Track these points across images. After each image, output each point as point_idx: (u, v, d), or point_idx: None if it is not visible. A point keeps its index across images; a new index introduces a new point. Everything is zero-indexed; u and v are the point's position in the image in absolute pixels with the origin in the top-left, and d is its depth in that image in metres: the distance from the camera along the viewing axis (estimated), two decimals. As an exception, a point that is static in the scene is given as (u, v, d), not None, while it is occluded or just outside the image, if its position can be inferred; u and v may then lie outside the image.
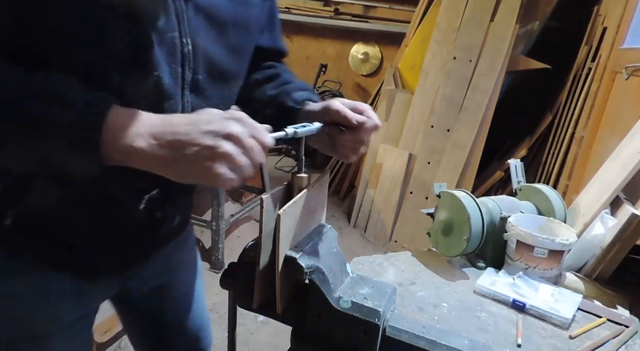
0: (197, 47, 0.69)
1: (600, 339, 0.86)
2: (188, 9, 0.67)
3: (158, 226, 0.81)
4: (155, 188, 0.74)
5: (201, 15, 0.70)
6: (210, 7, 0.71)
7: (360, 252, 2.99)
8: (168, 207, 0.80)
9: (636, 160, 1.12)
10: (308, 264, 0.66)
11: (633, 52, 2.21)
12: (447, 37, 3.04)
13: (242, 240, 2.87)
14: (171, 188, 0.74)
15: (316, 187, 0.74)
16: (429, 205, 2.08)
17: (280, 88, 0.89)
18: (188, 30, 0.67)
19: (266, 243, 0.67)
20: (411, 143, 3.14)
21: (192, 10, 0.68)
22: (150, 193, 0.74)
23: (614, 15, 2.54)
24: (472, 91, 2.97)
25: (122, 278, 0.86)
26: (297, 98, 0.85)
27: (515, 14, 2.89)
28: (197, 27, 0.69)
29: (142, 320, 1.01)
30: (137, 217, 0.75)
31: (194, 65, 0.70)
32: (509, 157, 2.69)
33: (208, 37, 0.71)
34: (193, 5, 0.68)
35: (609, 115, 2.31)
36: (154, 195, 0.74)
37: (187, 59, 0.68)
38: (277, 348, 2.05)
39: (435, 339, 0.66)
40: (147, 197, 0.74)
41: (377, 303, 0.67)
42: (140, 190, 0.73)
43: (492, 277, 1.01)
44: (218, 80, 0.75)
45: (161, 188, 0.75)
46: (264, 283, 0.70)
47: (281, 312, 0.70)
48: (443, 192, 1.13)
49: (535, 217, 1.13)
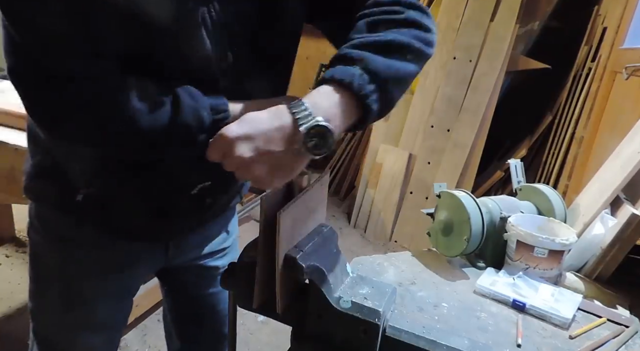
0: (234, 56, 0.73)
1: (600, 339, 0.86)
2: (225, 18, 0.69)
3: (207, 208, 0.91)
4: (208, 180, 0.82)
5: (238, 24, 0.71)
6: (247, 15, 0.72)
7: (360, 252, 2.99)
8: (218, 195, 0.89)
9: (636, 160, 1.12)
10: (308, 264, 0.66)
11: (633, 52, 2.21)
12: (447, 37, 3.04)
13: (242, 240, 2.86)
14: (223, 181, 0.86)
15: (316, 187, 0.74)
16: (429, 205, 2.08)
17: None
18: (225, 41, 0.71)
19: (266, 243, 0.67)
20: (411, 143, 3.14)
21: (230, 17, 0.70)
22: (204, 183, 0.82)
23: (614, 15, 2.54)
24: (472, 91, 2.97)
25: (167, 254, 0.95)
26: None
27: (515, 14, 2.89)
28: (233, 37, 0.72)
29: (181, 292, 1.10)
30: (189, 200, 0.84)
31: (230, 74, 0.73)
32: (509, 157, 2.69)
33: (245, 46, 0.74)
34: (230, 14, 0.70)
35: (609, 115, 2.32)
36: (207, 185, 0.83)
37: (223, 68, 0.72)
38: (277, 348, 2.05)
39: (435, 339, 0.66)
40: (199, 185, 0.82)
41: (377, 303, 0.67)
42: (195, 180, 0.82)
43: (492, 277, 1.01)
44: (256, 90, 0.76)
45: (215, 181, 0.83)
46: (264, 283, 0.70)
47: (281, 312, 0.70)
48: (443, 192, 1.13)
49: (535, 217, 1.13)
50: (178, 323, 1.15)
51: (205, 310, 1.10)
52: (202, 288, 1.07)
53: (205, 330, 1.13)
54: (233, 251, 1.10)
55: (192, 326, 1.13)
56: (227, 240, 1.08)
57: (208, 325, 1.12)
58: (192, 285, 1.07)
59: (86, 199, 0.78)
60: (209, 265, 1.04)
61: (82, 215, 0.82)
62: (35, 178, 0.84)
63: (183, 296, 1.11)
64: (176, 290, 1.11)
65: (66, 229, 0.85)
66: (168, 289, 1.13)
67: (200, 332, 1.13)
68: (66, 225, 0.84)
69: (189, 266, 1.02)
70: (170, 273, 1.05)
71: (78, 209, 0.80)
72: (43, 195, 0.85)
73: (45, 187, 0.83)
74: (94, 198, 0.79)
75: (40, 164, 0.83)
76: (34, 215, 0.88)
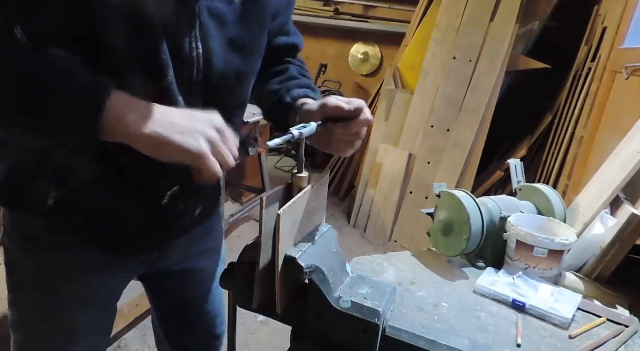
0: (208, 51, 0.73)
1: (600, 339, 0.86)
2: (202, 15, 0.71)
3: (180, 216, 0.89)
4: (176, 185, 0.82)
5: (214, 19, 0.73)
6: (222, 12, 0.73)
7: (360, 252, 2.99)
8: (189, 201, 0.88)
9: (636, 160, 1.12)
10: (308, 264, 0.66)
11: (633, 52, 2.21)
12: (447, 37, 3.04)
13: (242, 240, 2.87)
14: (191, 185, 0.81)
15: (316, 187, 0.74)
16: (429, 205, 2.08)
17: (284, 84, 0.91)
18: (200, 35, 0.71)
19: (266, 243, 0.67)
20: (411, 143, 3.14)
21: (205, 14, 0.71)
22: (172, 190, 0.82)
23: (614, 15, 2.54)
24: (472, 91, 2.97)
25: (150, 258, 0.93)
26: (294, 94, 0.87)
27: (515, 14, 2.89)
28: (208, 31, 0.72)
29: (167, 298, 1.08)
30: (162, 207, 0.83)
31: (204, 68, 0.73)
32: (509, 157, 2.69)
33: (219, 40, 0.74)
34: (206, 10, 0.71)
35: (609, 115, 2.32)
36: (175, 191, 0.82)
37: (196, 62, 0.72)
38: (277, 348, 2.05)
39: (435, 339, 0.66)
40: (169, 193, 0.82)
41: (377, 303, 0.67)
42: (163, 186, 0.81)
43: (492, 277, 1.01)
44: (228, 82, 0.79)
45: (181, 186, 0.83)
46: (264, 283, 0.70)
47: (281, 312, 0.70)
48: (443, 192, 1.13)
49: (535, 217, 1.13)
50: (167, 329, 1.14)
51: (194, 313, 1.09)
52: (189, 292, 1.06)
53: (195, 333, 1.11)
54: (217, 251, 1.08)
55: (181, 331, 1.12)
56: (211, 240, 1.06)
57: (197, 328, 1.11)
58: (178, 289, 1.05)
59: (57, 204, 0.77)
60: (193, 268, 1.03)
61: (55, 219, 0.80)
62: (5, 184, 0.81)
63: (170, 301, 1.09)
64: (162, 295, 1.08)
65: (40, 233, 0.82)
66: (153, 295, 1.10)
67: (191, 336, 1.12)
68: (39, 229, 0.81)
69: (173, 270, 1.00)
70: (154, 279, 1.03)
71: (50, 214, 0.78)
72: (14, 200, 0.82)
73: (16, 192, 0.80)
74: (65, 203, 0.77)
75: (9, 169, 0.80)
76: (7, 222, 0.85)
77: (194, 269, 1.03)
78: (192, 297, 1.07)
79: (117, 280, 0.92)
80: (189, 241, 0.98)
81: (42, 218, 0.80)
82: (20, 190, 0.80)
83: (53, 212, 0.78)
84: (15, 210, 0.84)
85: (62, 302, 0.86)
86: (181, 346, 1.14)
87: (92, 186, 0.76)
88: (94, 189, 0.77)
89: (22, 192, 0.80)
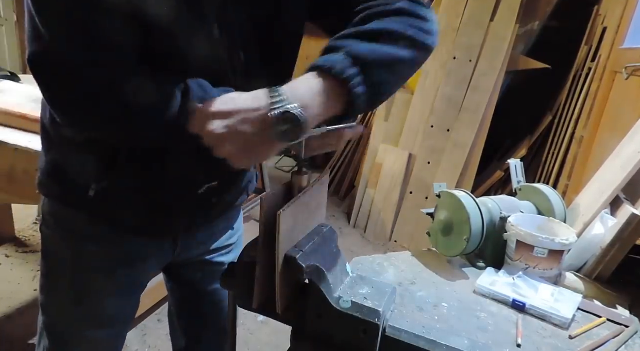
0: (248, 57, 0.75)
1: (600, 339, 0.86)
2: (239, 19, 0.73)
3: (212, 207, 0.94)
4: (215, 181, 0.86)
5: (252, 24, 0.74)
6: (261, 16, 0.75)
7: (360, 252, 2.99)
8: (223, 194, 0.93)
9: (636, 160, 1.12)
10: (308, 264, 0.66)
11: (633, 52, 2.21)
12: (447, 37, 3.04)
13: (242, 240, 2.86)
14: (228, 181, 0.91)
15: (316, 187, 0.74)
16: (429, 205, 2.08)
17: None
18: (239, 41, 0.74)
19: (266, 243, 0.67)
20: (411, 143, 3.14)
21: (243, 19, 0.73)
22: (210, 184, 0.86)
23: (614, 15, 2.54)
24: (472, 91, 2.97)
25: (175, 249, 0.97)
26: None
27: (515, 14, 2.89)
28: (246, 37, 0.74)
29: (185, 288, 1.12)
30: (196, 199, 0.87)
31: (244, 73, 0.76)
32: (509, 157, 2.69)
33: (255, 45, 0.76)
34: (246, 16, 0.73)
35: (609, 115, 2.32)
36: (213, 185, 0.86)
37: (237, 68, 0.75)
38: (277, 348, 2.05)
39: (435, 339, 0.66)
40: (206, 186, 0.86)
41: (377, 303, 0.67)
42: (203, 180, 0.85)
43: (492, 277, 1.01)
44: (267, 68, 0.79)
45: (220, 181, 0.87)
46: (264, 283, 0.70)
47: (281, 312, 0.70)
48: (443, 192, 1.13)
49: (535, 217, 1.13)
50: (183, 320, 1.17)
51: (210, 306, 1.12)
52: (207, 284, 1.09)
53: (210, 326, 1.14)
54: (238, 248, 1.11)
55: (197, 323, 1.15)
56: (233, 236, 1.09)
57: (212, 322, 1.13)
58: (198, 281, 1.08)
59: (98, 195, 0.80)
60: (214, 261, 1.06)
61: (94, 210, 0.84)
62: (49, 174, 0.86)
63: (188, 292, 1.12)
64: (182, 285, 1.12)
65: (78, 224, 0.87)
66: (173, 285, 1.14)
67: (205, 329, 1.14)
68: (78, 220, 0.86)
69: (195, 262, 1.04)
70: (176, 269, 1.06)
71: (90, 205, 0.81)
72: (56, 191, 0.86)
73: (58, 183, 0.85)
74: (105, 194, 0.80)
75: (53, 161, 0.84)
76: (46, 210, 0.90)
77: (215, 262, 1.06)
78: (210, 290, 1.09)
79: (145, 270, 0.97)
80: (211, 235, 1.03)
81: (81, 209, 0.84)
82: (64, 181, 0.83)
83: (94, 203, 0.81)
84: (55, 201, 0.88)
85: (92, 291, 0.91)
86: (195, 337, 1.16)
87: (132, 179, 0.80)
88: (133, 182, 0.81)
89: (65, 184, 0.84)
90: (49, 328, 0.96)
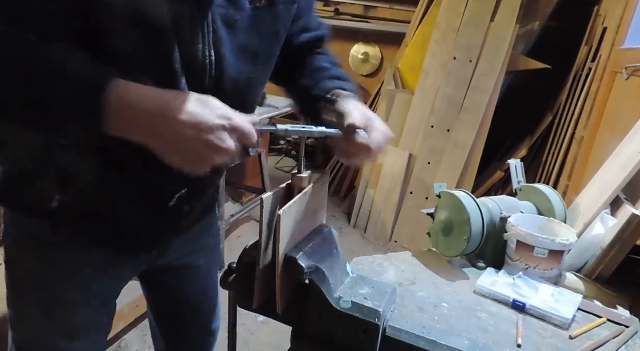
0: (220, 57, 0.72)
1: (600, 339, 0.86)
2: (214, 21, 0.70)
3: (184, 216, 0.90)
4: (184, 188, 0.83)
5: (225, 26, 0.72)
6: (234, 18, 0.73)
7: (360, 252, 2.99)
8: (194, 202, 0.89)
9: (636, 160, 1.12)
10: (308, 264, 0.66)
11: (633, 52, 2.21)
12: (447, 37, 3.04)
13: (242, 240, 2.87)
14: (197, 187, 0.87)
15: (316, 187, 0.74)
16: (429, 205, 2.08)
17: (313, 78, 0.92)
18: (212, 41, 0.71)
19: (266, 243, 0.67)
20: (411, 143, 3.14)
21: (218, 21, 0.71)
22: (180, 193, 0.83)
23: (614, 15, 2.54)
24: (472, 91, 2.97)
25: (150, 257, 0.94)
26: (326, 87, 0.88)
27: (515, 14, 2.89)
28: (220, 38, 0.72)
29: (163, 292, 1.09)
30: (167, 208, 0.84)
31: (215, 74, 0.73)
32: (509, 157, 2.69)
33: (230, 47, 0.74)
34: (219, 16, 0.70)
35: (609, 115, 2.31)
36: (183, 193, 0.83)
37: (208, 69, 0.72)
38: (277, 348, 2.05)
39: (435, 339, 0.66)
40: (177, 195, 0.83)
41: (377, 303, 0.67)
42: (171, 189, 0.82)
43: (492, 277, 1.01)
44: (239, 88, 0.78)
45: (189, 188, 0.84)
46: (264, 283, 0.70)
47: (281, 312, 0.71)
48: (443, 192, 1.13)
49: (535, 217, 1.13)
50: (162, 324, 1.15)
51: (189, 309, 1.10)
52: (185, 287, 1.07)
53: (189, 328, 1.12)
54: (213, 249, 1.10)
55: (175, 325, 1.13)
56: (211, 237, 1.08)
57: (192, 323, 1.12)
58: (175, 285, 1.06)
59: (62, 205, 0.76)
60: (190, 264, 1.04)
61: (58, 220, 0.80)
62: (5, 184, 0.80)
63: (166, 297, 1.09)
64: (158, 290, 1.09)
65: (41, 232, 0.82)
66: (150, 290, 1.11)
67: (184, 330, 1.13)
68: (41, 229, 0.81)
69: (171, 266, 1.01)
70: (152, 275, 1.03)
71: (54, 214, 0.78)
72: (15, 201, 0.82)
73: (17, 193, 0.80)
74: (70, 204, 0.77)
75: (9, 170, 0.79)
76: (8, 221, 0.85)
77: (191, 265, 1.05)
78: (188, 292, 1.08)
79: (117, 279, 0.93)
80: (187, 238, 0.99)
81: (44, 219, 0.80)
82: (21, 191, 0.79)
83: (57, 213, 0.78)
84: (15, 211, 0.84)
85: (62, 301, 0.86)
86: (175, 340, 1.15)
87: (98, 189, 0.76)
88: (100, 192, 0.77)
89: (22, 193, 0.79)
90: (18, 344, 0.90)
